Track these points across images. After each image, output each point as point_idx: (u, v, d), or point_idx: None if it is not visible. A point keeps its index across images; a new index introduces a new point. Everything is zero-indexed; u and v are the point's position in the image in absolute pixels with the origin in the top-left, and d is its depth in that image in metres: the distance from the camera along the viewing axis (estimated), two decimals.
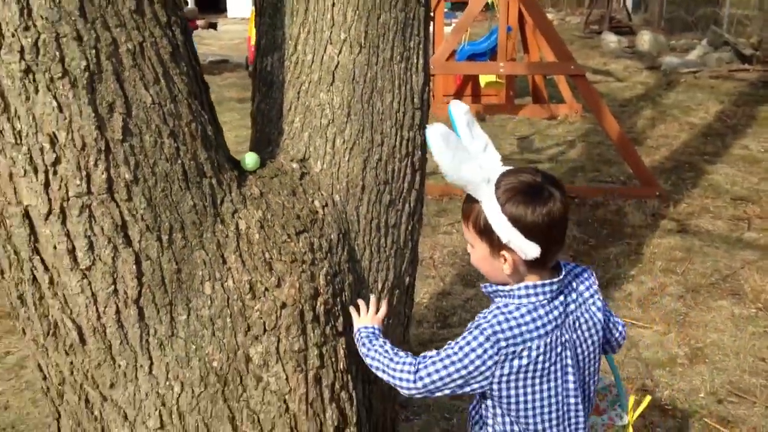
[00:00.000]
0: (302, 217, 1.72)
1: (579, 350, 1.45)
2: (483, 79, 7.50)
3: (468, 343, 1.38)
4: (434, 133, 1.40)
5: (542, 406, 1.44)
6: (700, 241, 4.35)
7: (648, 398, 1.82)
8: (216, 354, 1.58)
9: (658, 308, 3.57)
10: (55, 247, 1.51)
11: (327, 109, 1.85)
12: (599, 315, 1.48)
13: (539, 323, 1.39)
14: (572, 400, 1.45)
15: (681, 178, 5.63)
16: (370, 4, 1.83)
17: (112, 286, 1.53)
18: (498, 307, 1.42)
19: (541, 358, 1.39)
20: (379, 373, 1.52)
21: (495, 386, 1.40)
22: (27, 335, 1.69)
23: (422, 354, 1.46)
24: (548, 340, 1.39)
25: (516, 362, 1.37)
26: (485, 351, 1.36)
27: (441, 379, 1.41)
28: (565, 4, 17.94)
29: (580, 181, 5.71)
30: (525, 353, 1.37)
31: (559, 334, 1.41)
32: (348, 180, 1.85)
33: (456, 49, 8.07)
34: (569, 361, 1.42)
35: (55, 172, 1.45)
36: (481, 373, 1.38)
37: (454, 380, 1.40)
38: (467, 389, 1.41)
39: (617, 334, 1.62)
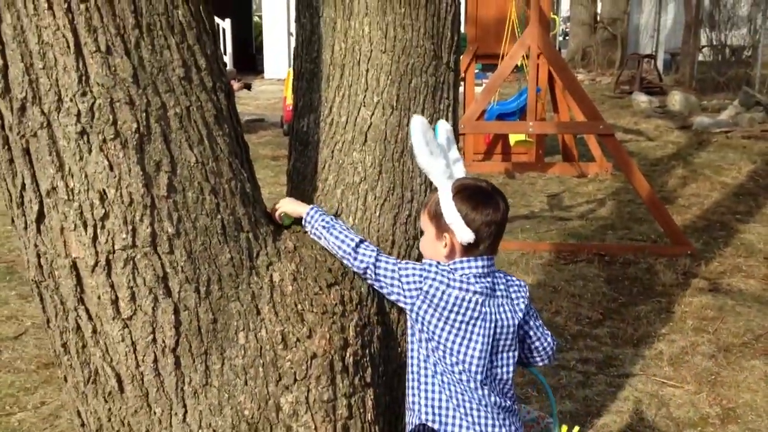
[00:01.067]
0: (334, 270, 1.78)
1: (498, 331, 1.67)
2: (512, 138, 7.62)
3: (414, 266, 1.70)
4: (417, 122, 1.75)
5: (449, 352, 1.64)
6: (733, 300, 4.30)
7: (576, 428, 1.89)
8: (248, 403, 1.63)
9: (690, 367, 3.52)
10: (99, 298, 1.59)
11: (359, 167, 1.93)
12: (519, 314, 1.72)
13: (464, 279, 1.65)
14: (473, 368, 1.64)
15: (713, 236, 5.59)
16: (402, 69, 1.93)
17: (152, 335, 1.60)
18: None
19: (456, 309, 1.63)
20: (335, 252, 1.78)
21: (416, 312, 1.66)
22: (68, 382, 1.76)
23: (378, 251, 1.76)
24: (468, 296, 1.63)
25: (436, 300, 1.63)
26: (420, 275, 1.67)
27: (386, 278, 1.72)
28: (596, 64, 18.16)
29: (611, 239, 5.71)
30: (445, 297, 1.63)
31: (480, 300, 1.65)
32: (378, 235, 1.92)
33: (486, 108, 8.23)
34: (481, 331, 1.64)
35: (103, 226, 1.55)
36: (410, 290, 1.67)
37: (393, 287, 1.71)
38: (398, 299, 1.71)
39: (545, 344, 1.83)
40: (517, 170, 8.06)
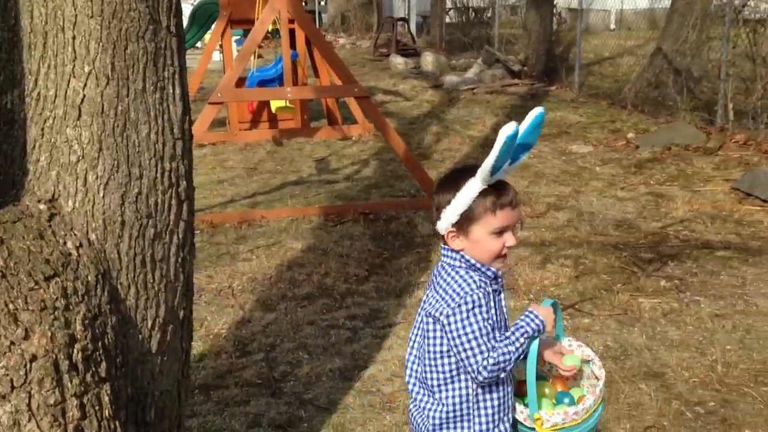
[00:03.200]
0: (52, 261, 1.62)
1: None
2: (274, 105, 7.58)
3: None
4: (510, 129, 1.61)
5: None
6: None
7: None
8: None
9: None
10: None
11: (75, 145, 1.76)
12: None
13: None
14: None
15: None
16: (114, 35, 1.78)
17: None
18: None
19: None
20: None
21: None
22: None
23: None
24: None
25: None
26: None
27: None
28: (355, 28, 18.67)
29: (375, 197, 5.95)
30: None
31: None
32: (105, 217, 1.78)
33: (247, 76, 8.08)
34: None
35: None
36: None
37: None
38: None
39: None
40: (284, 137, 8.06)
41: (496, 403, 1.75)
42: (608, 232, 4.92)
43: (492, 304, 1.72)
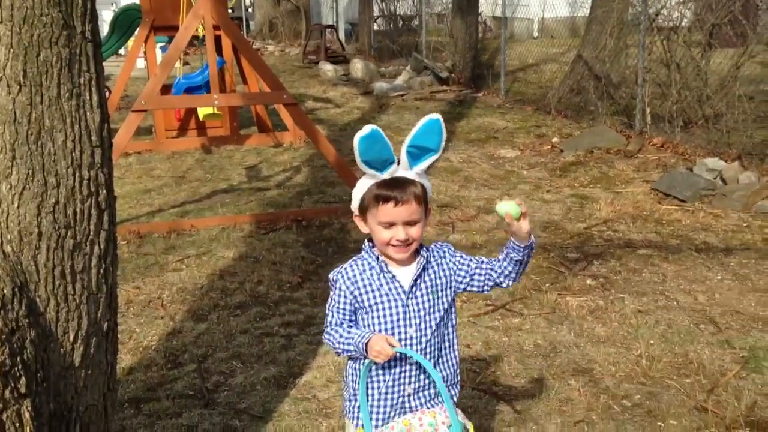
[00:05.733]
0: None
1: None
2: (201, 112, 7.45)
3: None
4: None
5: None
6: None
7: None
8: None
9: None
10: None
11: None
12: None
13: None
14: None
15: None
16: (26, 41, 1.72)
17: None
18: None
19: None
20: None
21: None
22: None
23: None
24: None
25: None
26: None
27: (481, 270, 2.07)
28: (284, 35, 18.57)
29: (307, 203, 5.92)
30: None
31: None
32: (20, 228, 1.71)
33: (173, 83, 7.92)
34: None
35: None
36: None
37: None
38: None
39: None
40: (213, 144, 7.93)
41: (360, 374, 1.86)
42: (536, 233, 5.03)
43: (373, 287, 1.85)
